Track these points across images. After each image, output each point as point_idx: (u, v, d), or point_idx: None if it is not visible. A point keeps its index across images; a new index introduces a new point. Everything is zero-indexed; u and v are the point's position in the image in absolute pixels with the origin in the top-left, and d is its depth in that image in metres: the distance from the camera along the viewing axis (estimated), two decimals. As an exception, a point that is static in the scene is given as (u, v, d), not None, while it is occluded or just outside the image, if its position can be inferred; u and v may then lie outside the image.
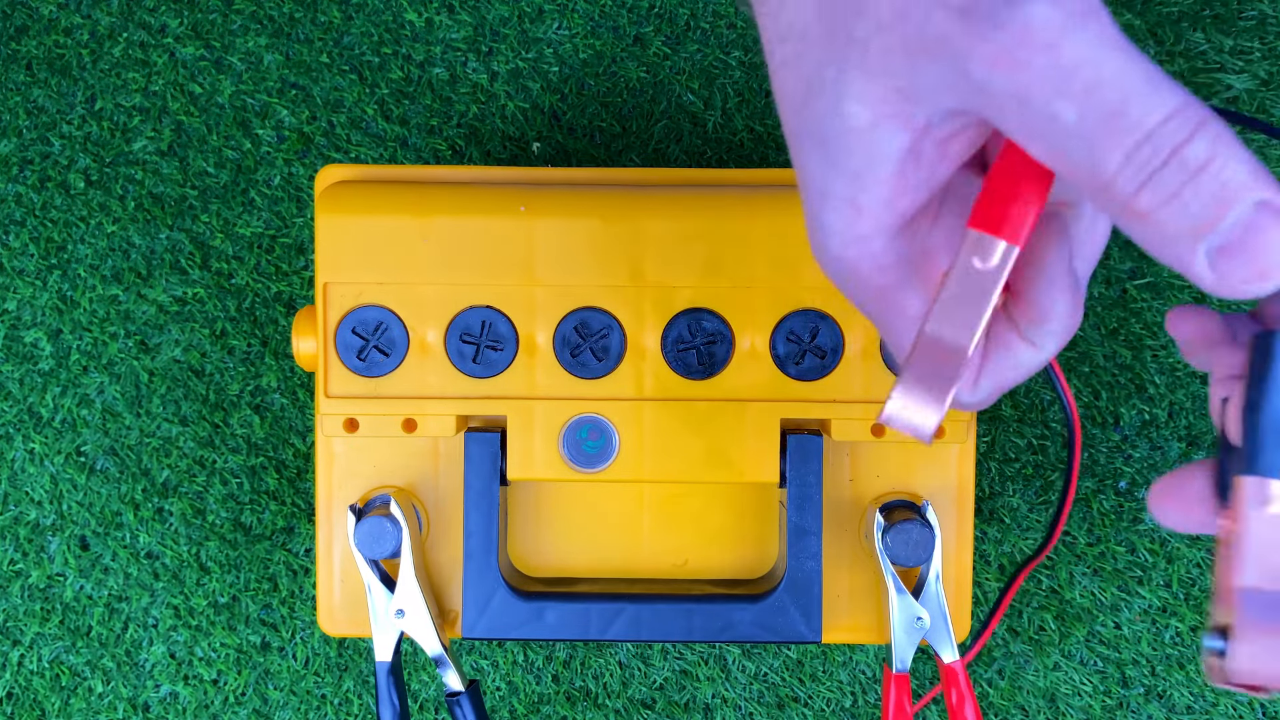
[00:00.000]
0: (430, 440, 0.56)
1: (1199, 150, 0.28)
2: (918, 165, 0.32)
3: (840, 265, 0.34)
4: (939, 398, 0.30)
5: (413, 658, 0.65)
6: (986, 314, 0.30)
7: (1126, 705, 0.65)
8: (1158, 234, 0.28)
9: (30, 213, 0.66)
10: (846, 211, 0.33)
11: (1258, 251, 0.28)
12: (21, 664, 0.66)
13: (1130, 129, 0.28)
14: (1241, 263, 0.28)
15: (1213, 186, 0.27)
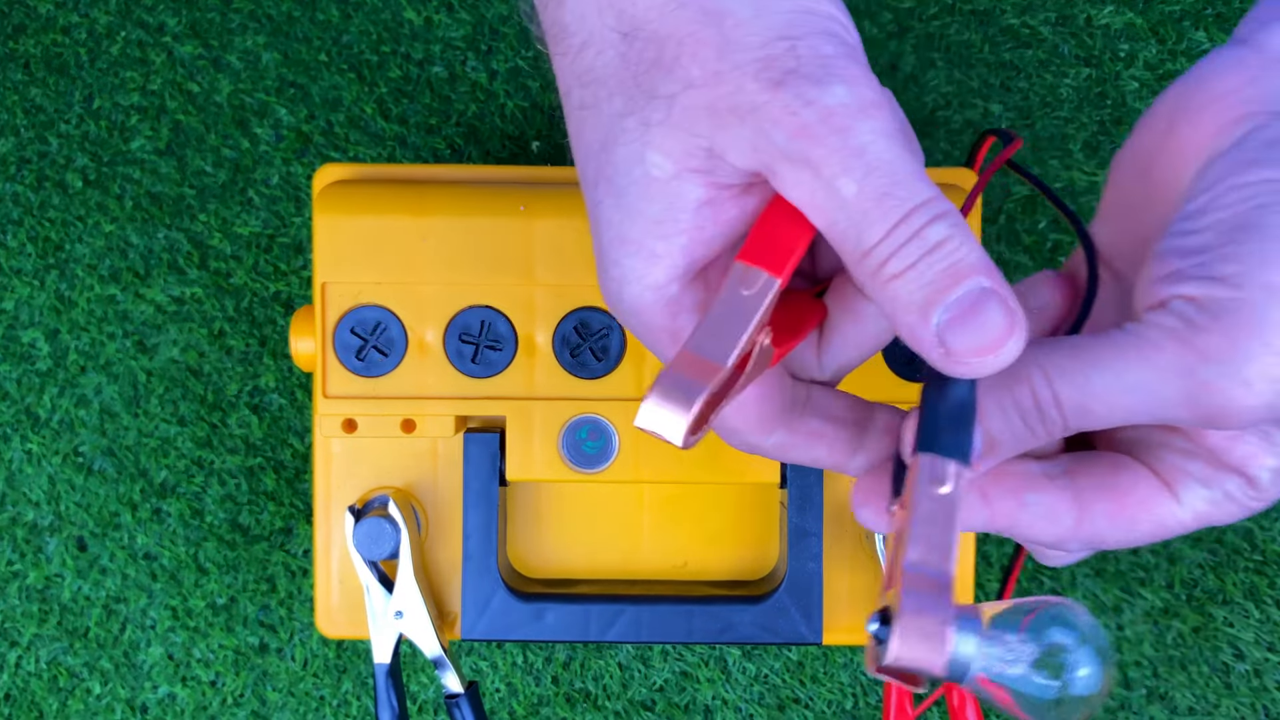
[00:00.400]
0: (429, 440, 0.56)
1: (939, 231, 0.31)
2: (715, 217, 0.34)
3: (635, 308, 0.35)
4: (687, 405, 0.31)
5: (411, 659, 0.65)
6: (745, 335, 0.32)
7: (1129, 706, 0.65)
8: (899, 300, 0.31)
9: (28, 212, 0.66)
10: (643, 257, 0.34)
11: (979, 329, 0.31)
12: (19, 665, 0.66)
13: (894, 209, 0.31)
14: (965, 337, 0.31)
15: (946, 262, 0.31)
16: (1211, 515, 0.35)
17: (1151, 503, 0.35)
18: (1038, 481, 0.36)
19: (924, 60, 0.66)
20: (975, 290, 0.31)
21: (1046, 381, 0.33)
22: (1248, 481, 0.34)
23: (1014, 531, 0.36)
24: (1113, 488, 0.36)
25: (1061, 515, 0.36)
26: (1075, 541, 0.36)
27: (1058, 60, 0.66)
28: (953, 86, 0.66)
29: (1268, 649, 0.65)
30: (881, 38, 0.66)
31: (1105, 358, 0.32)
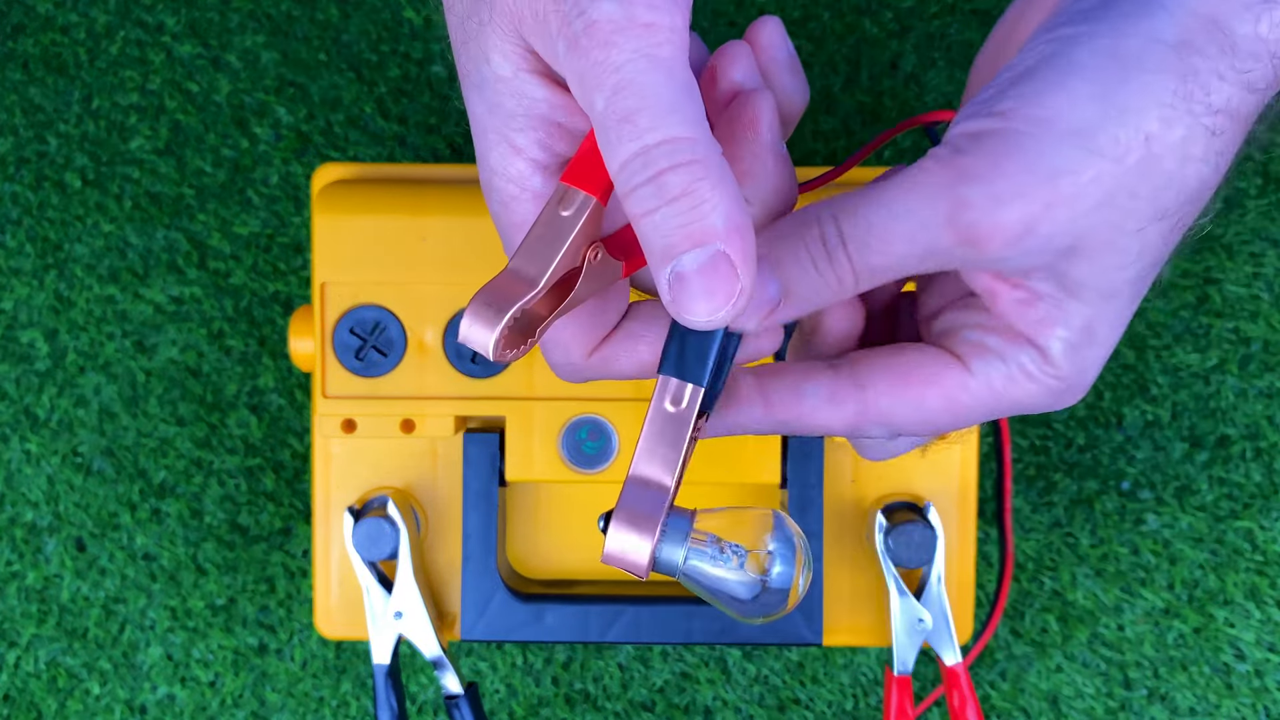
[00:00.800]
0: (428, 441, 0.56)
1: (681, 181, 0.31)
2: (569, 114, 0.35)
3: (503, 200, 0.36)
4: (494, 321, 0.33)
5: (411, 660, 0.65)
6: (560, 254, 0.34)
7: (1129, 707, 0.65)
8: (642, 241, 0.32)
9: (27, 212, 0.66)
10: (505, 150, 0.35)
11: (705, 295, 0.31)
12: (18, 666, 0.66)
13: (631, 137, 0.31)
14: (691, 295, 0.31)
15: (683, 219, 0.31)
16: (1010, 393, 0.36)
17: (938, 377, 0.36)
18: (816, 371, 0.37)
19: (925, 59, 0.66)
20: (709, 254, 0.31)
21: (833, 220, 0.34)
22: (1040, 354, 0.35)
23: (798, 424, 0.37)
24: (894, 366, 0.37)
25: (844, 399, 0.36)
26: (866, 425, 0.37)
27: (1058, 60, 0.66)
28: (954, 86, 0.66)
29: (1269, 649, 0.65)
30: (882, 37, 0.66)
31: (883, 191, 0.34)
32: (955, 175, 0.33)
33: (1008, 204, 0.32)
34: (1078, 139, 0.32)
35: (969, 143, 0.33)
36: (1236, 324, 0.65)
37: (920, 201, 0.33)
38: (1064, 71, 0.33)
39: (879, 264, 0.34)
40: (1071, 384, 0.36)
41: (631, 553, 0.34)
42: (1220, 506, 0.65)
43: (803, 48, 0.66)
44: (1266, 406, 0.65)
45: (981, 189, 0.32)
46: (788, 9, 0.66)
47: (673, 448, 0.35)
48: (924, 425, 0.37)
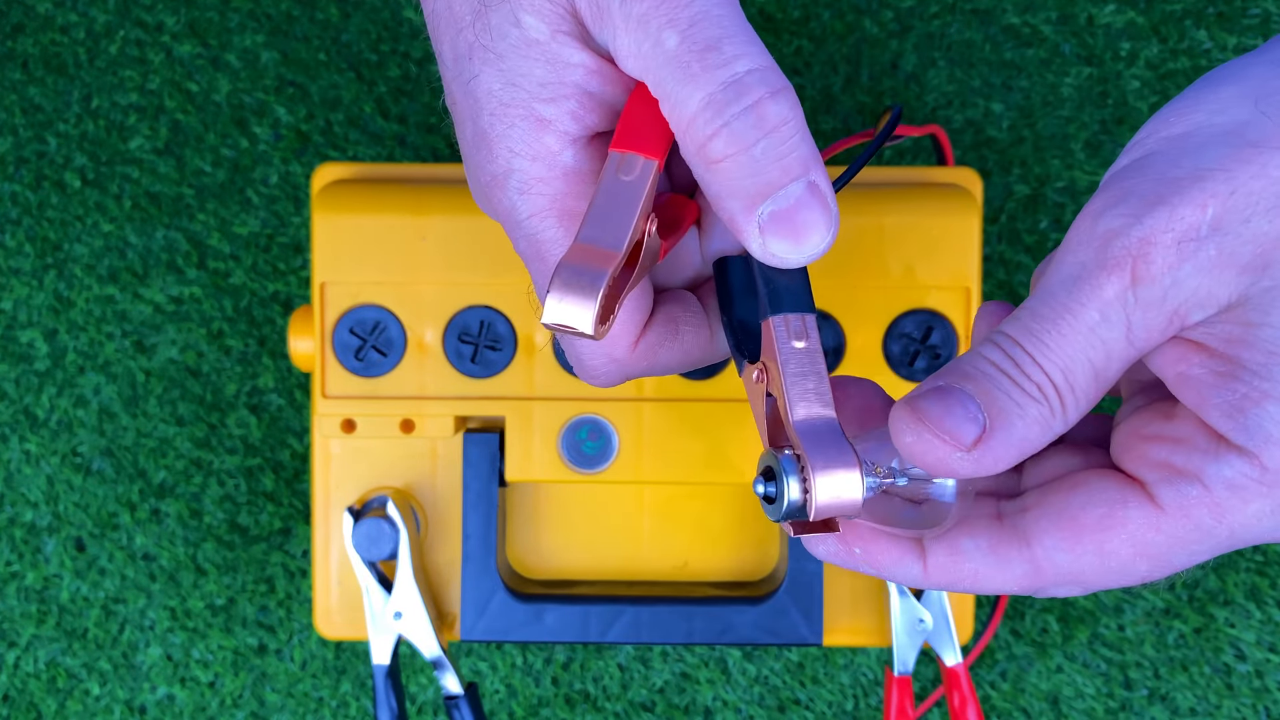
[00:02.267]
0: (428, 441, 0.56)
1: (780, 110, 0.29)
2: (604, 85, 0.32)
3: (522, 185, 0.32)
4: (592, 293, 0.30)
5: (410, 660, 0.65)
6: (635, 218, 0.31)
7: (1130, 708, 0.65)
8: (725, 186, 0.29)
9: (26, 212, 0.66)
10: (530, 125, 0.32)
11: (800, 229, 0.29)
12: (18, 666, 0.66)
13: (719, 65, 0.29)
14: (787, 233, 0.29)
15: (782, 150, 0.29)
16: (1225, 523, 0.29)
17: (1119, 518, 0.30)
18: (978, 523, 0.32)
19: (925, 59, 0.66)
20: (803, 187, 0.29)
21: (1000, 332, 0.30)
22: (1249, 458, 0.28)
23: (965, 588, 0.32)
24: (1064, 510, 0.30)
25: (1010, 558, 0.31)
26: (1048, 587, 0.31)
27: (1059, 59, 0.66)
28: (954, 86, 0.66)
29: (1269, 650, 0.65)
30: (883, 36, 0.66)
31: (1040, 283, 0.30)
32: (1090, 219, 0.29)
33: (1150, 213, 0.28)
34: (1228, 138, 0.28)
35: (1103, 185, 0.30)
36: (1237, 324, 0.65)
37: (1070, 266, 0.29)
38: (1208, 84, 0.29)
39: (1063, 355, 0.28)
40: None
41: (847, 502, 0.31)
42: (1221, 507, 0.65)
43: (803, 48, 0.66)
44: (1267, 406, 0.65)
45: (1118, 210, 0.28)
46: (788, 9, 0.66)
47: (821, 381, 0.32)
48: (1120, 577, 0.30)
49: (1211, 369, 0.28)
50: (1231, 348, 0.28)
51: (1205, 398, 0.28)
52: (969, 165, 0.63)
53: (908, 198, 0.54)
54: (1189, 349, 0.29)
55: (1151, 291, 0.28)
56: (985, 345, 0.30)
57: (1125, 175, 0.29)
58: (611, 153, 0.32)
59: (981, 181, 0.56)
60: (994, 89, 0.66)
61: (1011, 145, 0.66)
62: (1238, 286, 0.28)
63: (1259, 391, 0.27)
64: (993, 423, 0.29)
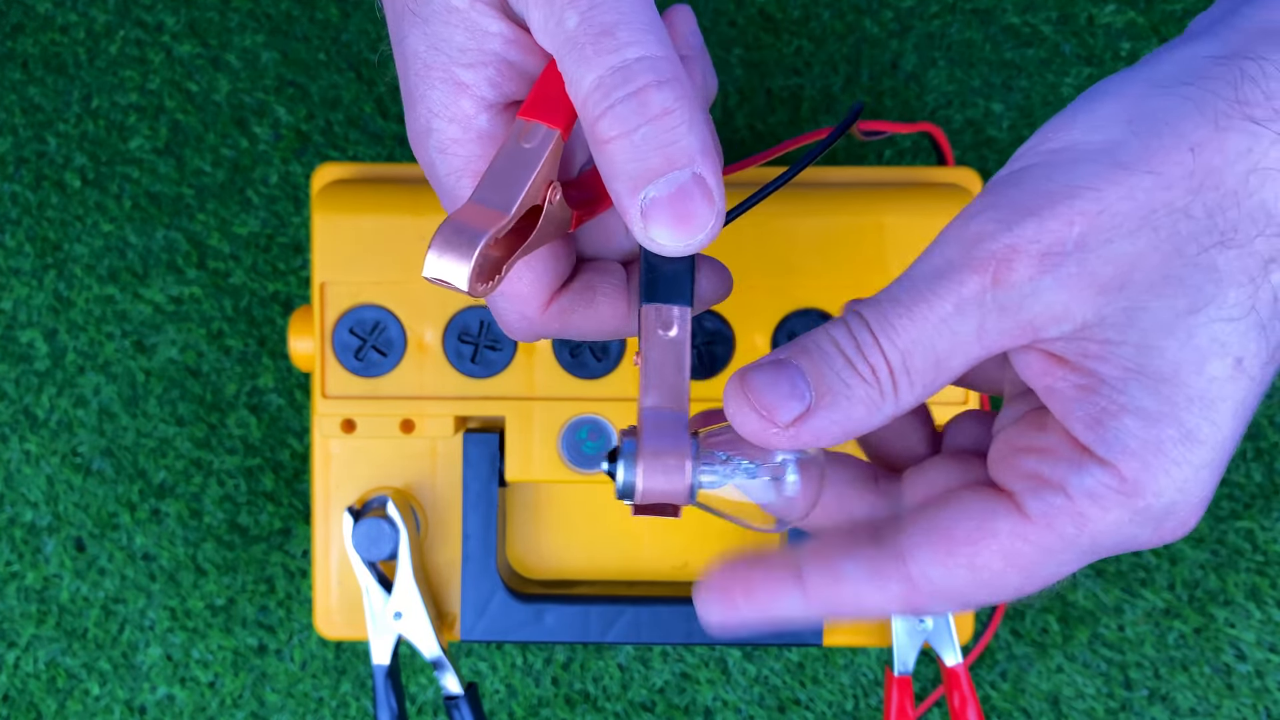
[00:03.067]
0: (428, 441, 0.56)
1: (664, 99, 0.30)
2: (522, 54, 0.33)
3: (440, 143, 0.34)
4: (468, 252, 0.31)
5: (410, 661, 0.65)
6: (528, 184, 0.32)
7: (1130, 708, 0.65)
8: (610, 167, 0.30)
9: (26, 212, 0.66)
10: (450, 87, 0.33)
11: (681, 218, 0.30)
12: (17, 666, 0.66)
13: (610, 50, 0.29)
14: (668, 220, 0.30)
15: (665, 138, 0.29)
16: (1087, 533, 0.29)
17: (988, 530, 0.30)
18: (857, 543, 0.32)
19: (925, 59, 0.66)
20: (687, 177, 0.30)
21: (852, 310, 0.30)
22: (1109, 470, 0.29)
23: (846, 611, 0.32)
24: (935, 525, 0.31)
25: (887, 576, 0.31)
26: (924, 605, 0.31)
27: (1059, 59, 0.66)
28: (954, 86, 0.66)
29: (1269, 650, 0.65)
30: (883, 36, 0.66)
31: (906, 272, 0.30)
32: (963, 219, 0.30)
33: (1020, 222, 0.28)
34: (1100, 157, 0.28)
35: (983, 192, 0.30)
36: (1237, 324, 0.65)
37: (937, 258, 0.29)
38: (1087, 101, 0.30)
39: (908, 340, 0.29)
40: (1165, 501, 0.29)
41: (670, 489, 0.32)
42: (1221, 506, 0.65)
43: (803, 48, 0.66)
44: (1266, 407, 0.65)
45: (990, 215, 0.29)
46: (788, 9, 0.66)
47: (677, 372, 0.33)
48: (993, 592, 0.31)
49: (1073, 383, 0.29)
50: (1091, 363, 0.29)
51: (1069, 410, 0.29)
52: (969, 165, 0.63)
53: (907, 197, 0.54)
54: (1053, 363, 0.29)
55: (1009, 296, 0.29)
56: (834, 323, 0.31)
57: (1004, 184, 0.30)
58: (517, 120, 0.33)
59: (982, 181, 0.56)
60: (994, 89, 0.66)
61: (1011, 145, 0.65)
62: (1095, 306, 0.28)
63: (1116, 405, 0.28)
64: (818, 401, 0.30)
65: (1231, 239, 0.28)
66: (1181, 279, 0.28)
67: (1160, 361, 0.28)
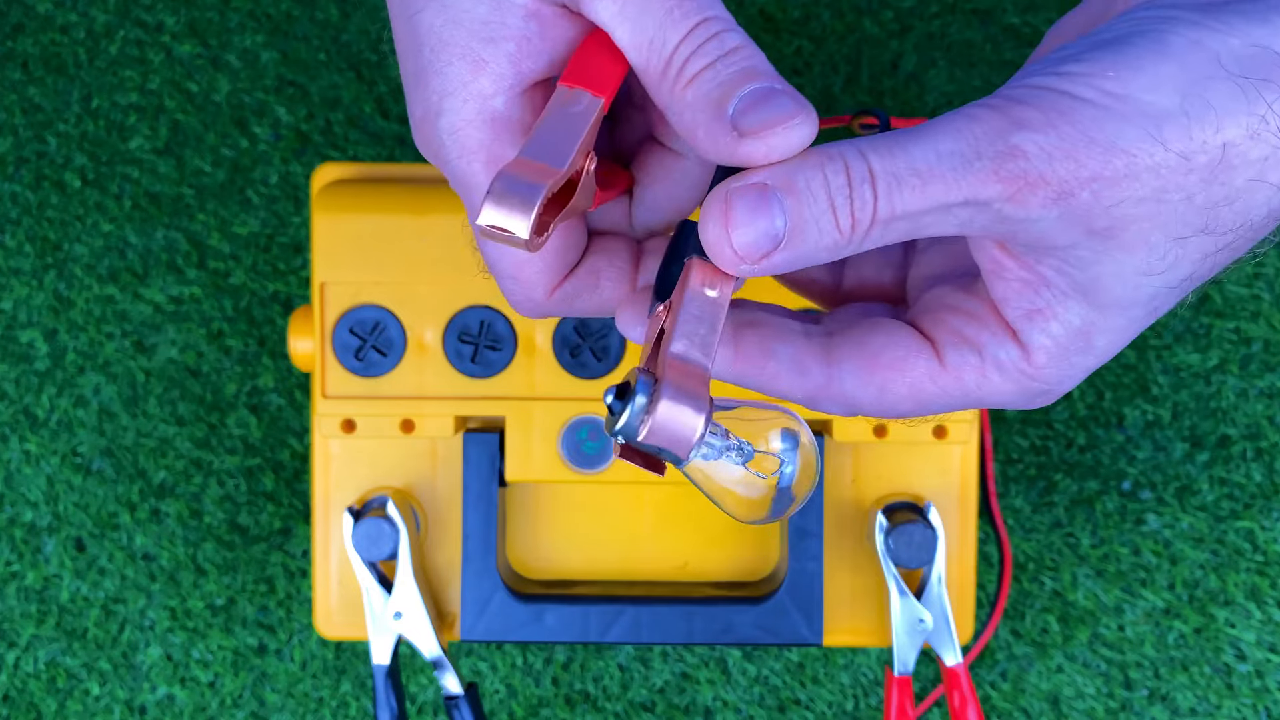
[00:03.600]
0: (428, 441, 0.56)
1: (733, 39, 0.32)
2: (542, 31, 0.33)
3: (454, 125, 0.33)
4: (530, 202, 0.31)
5: (410, 660, 0.65)
6: (579, 143, 0.32)
7: (1130, 708, 0.65)
8: (697, 100, 0.31)
9: (26, 212, 0.66)
10: (469, 63, 0.33)
11: (772, 109, 0.31)
12: (17, 666, 0.66)
13: (693, 11, 0.32)
14: (758, 116, 0.31)
15: (741, 64, 0.32)
16: (981, 389, 0.34)
17: (907, 364, 0.34)
18: (790, 334, 0.35)
19: (925, 59, 0.66)
20: (767, 86, 0.31)
21: (861, 155, 0.31)
22: (1022, 351, 0.33)
23: (760, 383, 0.35)
24: (865, 344, 0.35)
25: (810, 369, 0.35)
26: (827, 401, 0.35)
27: (1059, 59, 0.66)
28: (954, 86, 0.66)
29: (1269, 650, 0.65)
30: (883, 36, 0.66)
31: (925, 130, 0.31)
32: (1010, 123, 0.30)
33: (1058, 161, 0.30)
34: (1147, 122, 0.30)
35: (1029, 94, 0.31)
36: (1237, 324, 0.65)
37: (968, 144, 0.30)
38: (1153, 51, 0.31)
39: (906, 209, 0.31)
40: (1049, 387, 0.34)
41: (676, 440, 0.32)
42: (1221, 506, 0.65)
43: (803, 48, 0.66)
44: (1267, 406, 0.65)
45: (1037, 139, 0.30)
46: (788, 9, 0.66)
47: (711, 331, 0.33)
48: (885, 410, 0.35)
49: (1021, 279, 0.32)
50: (1044, 269, 0.32)
51: (1007, 296, 0.33)
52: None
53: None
54: (1007, 256, 0.33)
55: (1014, 212, 0.31)
56: (833, 161, 0.31)
57: (1056, 106, 0.31)
58: (560, 86, 0.33)
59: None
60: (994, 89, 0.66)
61: (1011, 145, 0.66)
62: (1074, 238, 0.31)
63: (1050, 310, 0.32)
64: (788, 239, 0.31)
65: (1213, 229, 0.31)
66: (1155, 247, 0.31)
67: (1102, 296, 0.32)
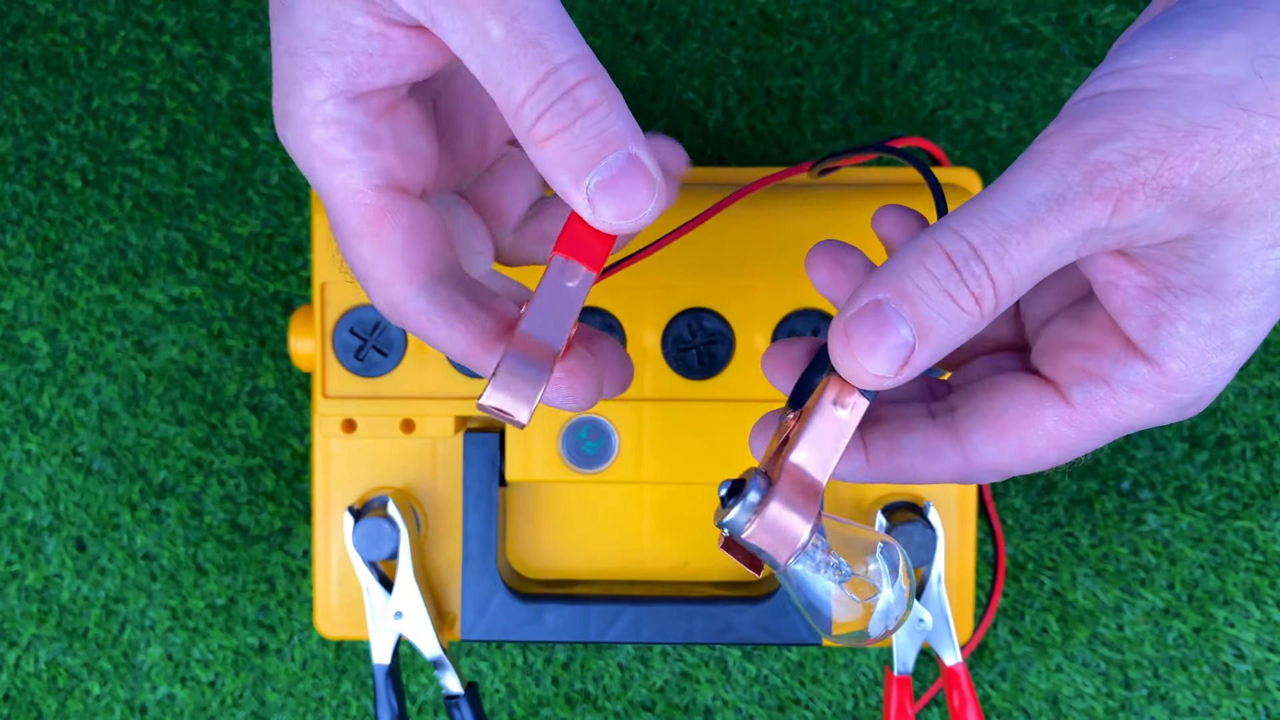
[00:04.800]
0: (428, 441, 0.56)
1: (591, 93, 0.32)
2: (384, 49, 0.34)
3: (294, 125, 0.35)
4: (534, 387, 0.34)
5: (411, 660, 0.65)
6: (572, 321, 0.35)
7: (1129, 707, 0.65)
8: (552, 162, 0.32)
9: (27, 212, 0.66)
10: (307, 72, 0.34)
11: (626, 193, 0.32)
12: (18, 666, 0.66)
13: (542, 58, 0.32)
14: (613, 200, 0.32)
15: (599, 127, 0.32)
16: (1124, 418, 0.33)
17: (1037, 417, 0.34)
18: (915, 422, 0.36)
19: (925, 60, 0.66)
20: (623, 158, 0.32)
21: (955, 234, 0.31)
22: (1153, 367, 0.32)
23: (902, 477, 0.36)
24: (989, 409, 0.34)
25: (943, 452, 0.35)
26: (974, 476, 0.35)
27: (1059, 60, 0.66)
28: (954, 86, 0.66)
29: (1269, 649, 0.65)
30: (882, 37, 0.66)
31: (1007, 184, 0.31)
32: (1084, 142, 0.30)
33: (1145, 159, 0.30)
34: (1221, 94, 0.30)
35: (1092, 105, 0.31)
36: (1236, 324, 0.65)
37: (1052, 180, 0.30)
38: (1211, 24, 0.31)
39: (1020, 268, 0.31)
40: (1196, 395, 0.32)
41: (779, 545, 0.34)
42: (1220, 506, 0.65)
43: (803, 48, 0.66)
44: (1266, 406, 0.65)
45: (1116, 145, 0.30)
46: (788, 9, 0.66)
47: (834, 450, 0.35)
48: (1034, 465, 0.35)
49: (1139, 284, 0.32)
50: (1163, 270, 0.31)
51: (1127, 307, 0.32)
52: (968, 165, 0.63)
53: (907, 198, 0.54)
54: (1122, 261, 0.32)
55: (1123, 223, 0.30)
56: (929, 253, 0.31)
57: (1121, 107, 0.31)
58: (556, 256, 0.35)
59: (981, 181, 0.56)
60: (994, 89, 0.66)
61: (1011, 145, 0.66)
62: (1190, 227, 0.30)
63: (1175, 312, 0.31)
64: (921, 341, 0.31)
65: None
66: (1273, 216, 0.30)
67: (1228, 284, 0.31)
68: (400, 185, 0.36)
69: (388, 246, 0.35)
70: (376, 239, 0.35)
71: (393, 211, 0.35)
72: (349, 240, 0.36)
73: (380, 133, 0.35)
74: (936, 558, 0.54)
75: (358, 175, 0.35)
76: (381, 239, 0.35)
